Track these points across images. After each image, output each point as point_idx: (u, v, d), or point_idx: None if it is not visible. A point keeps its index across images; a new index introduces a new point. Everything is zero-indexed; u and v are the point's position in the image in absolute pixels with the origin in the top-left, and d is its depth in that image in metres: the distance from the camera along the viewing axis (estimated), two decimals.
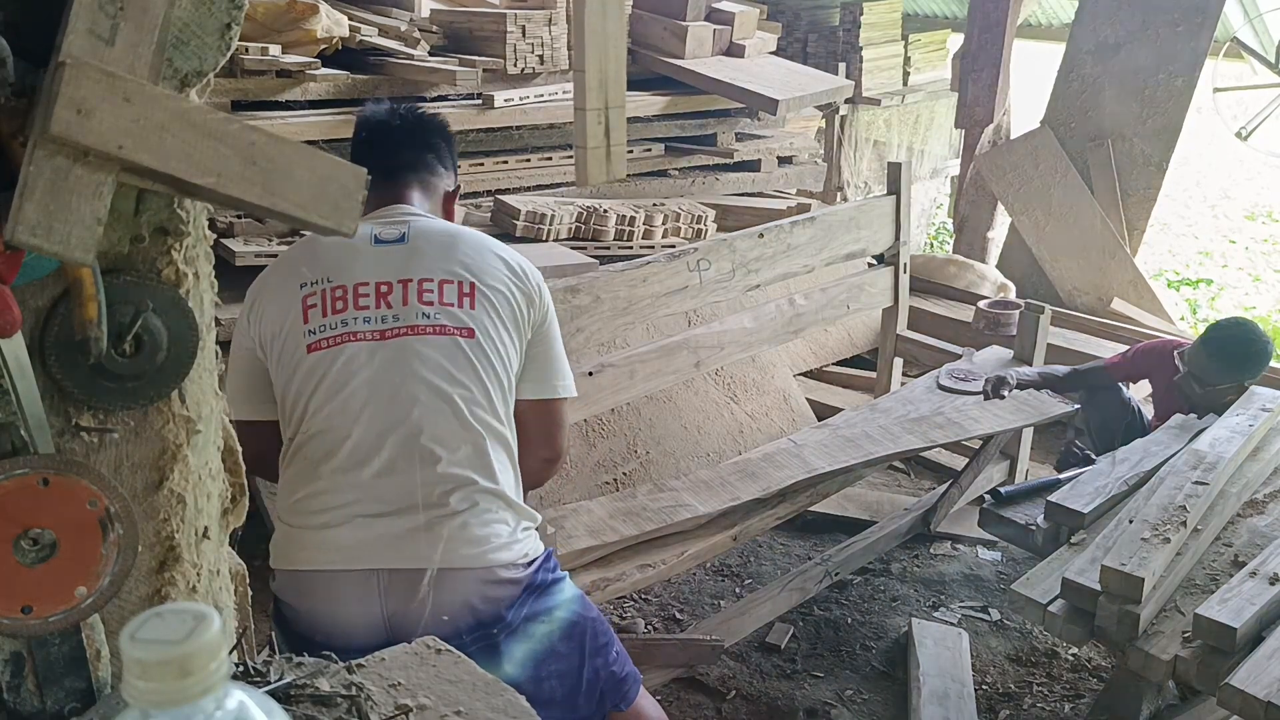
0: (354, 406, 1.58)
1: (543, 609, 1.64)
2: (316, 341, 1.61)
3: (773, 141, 4.82)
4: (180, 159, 0.90)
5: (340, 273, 1.63)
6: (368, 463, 1.57)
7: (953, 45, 6.49)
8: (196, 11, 0.99)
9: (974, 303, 4.39)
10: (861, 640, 2.93)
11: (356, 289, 1.61)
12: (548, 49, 3.91)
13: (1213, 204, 9.24)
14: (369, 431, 1.57)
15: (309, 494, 1.59)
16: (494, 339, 1.63)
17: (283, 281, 1.66)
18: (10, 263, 0.91)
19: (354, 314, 1.61)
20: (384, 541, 1.55)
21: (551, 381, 1.72)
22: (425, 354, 1.59)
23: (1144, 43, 4.64)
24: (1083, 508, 2.26)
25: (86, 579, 1.01)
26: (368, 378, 1.58)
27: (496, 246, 1.74)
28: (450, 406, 1.59)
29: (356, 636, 1.54)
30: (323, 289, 1.62)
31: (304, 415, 1.62)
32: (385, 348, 1.59)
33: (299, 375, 1.62)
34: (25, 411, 0.97)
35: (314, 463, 1.60)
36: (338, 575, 1.56)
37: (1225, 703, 1.74)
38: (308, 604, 1.60)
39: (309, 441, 1.61)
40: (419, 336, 1.60)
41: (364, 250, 1.65)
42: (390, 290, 1.62)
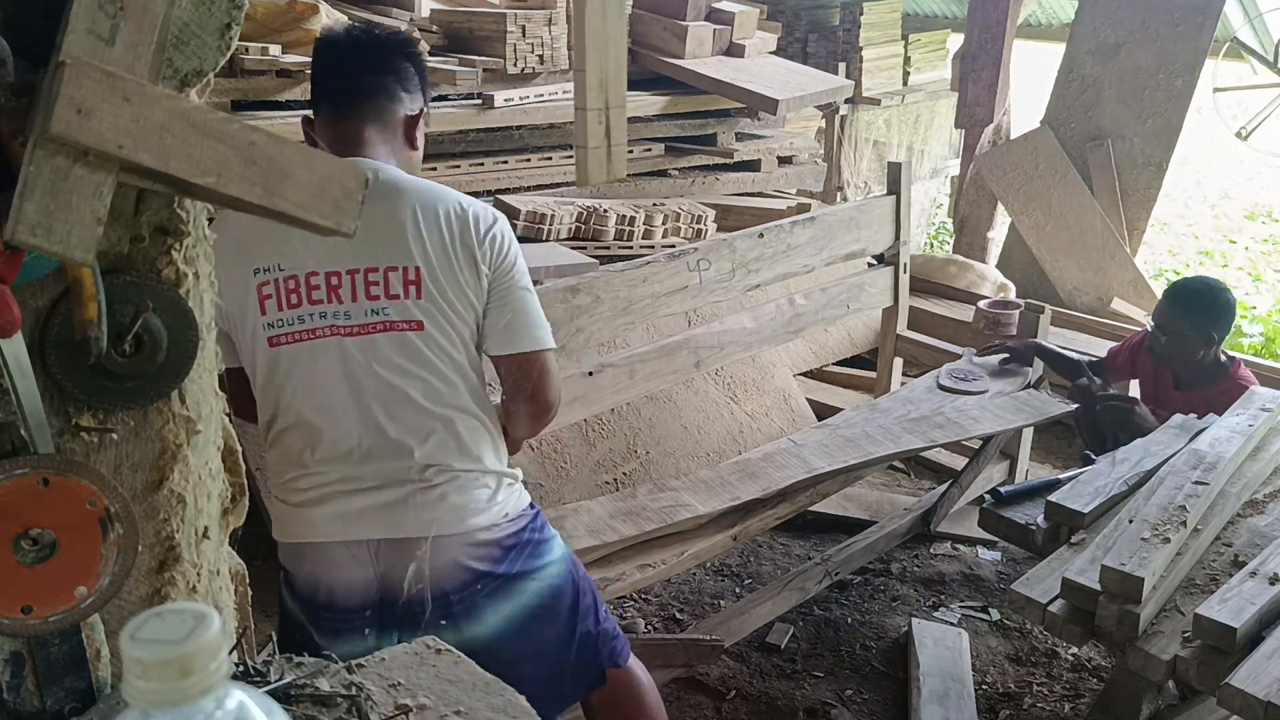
0: (325, 403, 1.63)
1: (532, 567, 1.70)
2: (277, 336, 1.62)
3: (773, 141, 4.82)
4: (180, 159, 0.90)
5: (290, 258, 1.60)
6: (348, 452, 1.64)
7: (953, 45, 6.49)
8: (196, 11, 0.99)
9: (974, 303, 4.39)
10: (861, 640, 2.93)
11: (309, 279, 1.60)
12: (548, 49, 3.91)
13: (1213, 204, 9.24)
14: (342, 427, 1.64)
15: (295, 476, 1.69)
16: (445, 322, 1.63)
17: (236, 257, 1.60)
18: (10, 263, 0.91)
19: (309, 309, 1.61)
20: (370, 514, 1.64)
21: (522, 335, 1.69)
22: (379, 352, 1.61)
23: (1144, 43, 4.64)
24: (1083, 508, 2.25)
25: (86, 579, 1.01)
26: (332, 375, 1.62)
27: (445, 200, 1.65)
28: (410, 401, 1.63)
29: (352, 598, 1.68)
30: (275, 278, 1.61)
31: (277, 405, 1.67)
32: (343, 345, 1.61)
33: (263, 364, 1.65)
34: (25, 411, 0.97)
35: (296, 450, 1.68)
36: (329, 546, 1.68)
37: (1225, 703, 1.74)
38: (306, 570, 1.73)
39: (287, 431, 1.67)
40: (369, 336, 1.61)
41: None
42: (340, 284, 1.60)
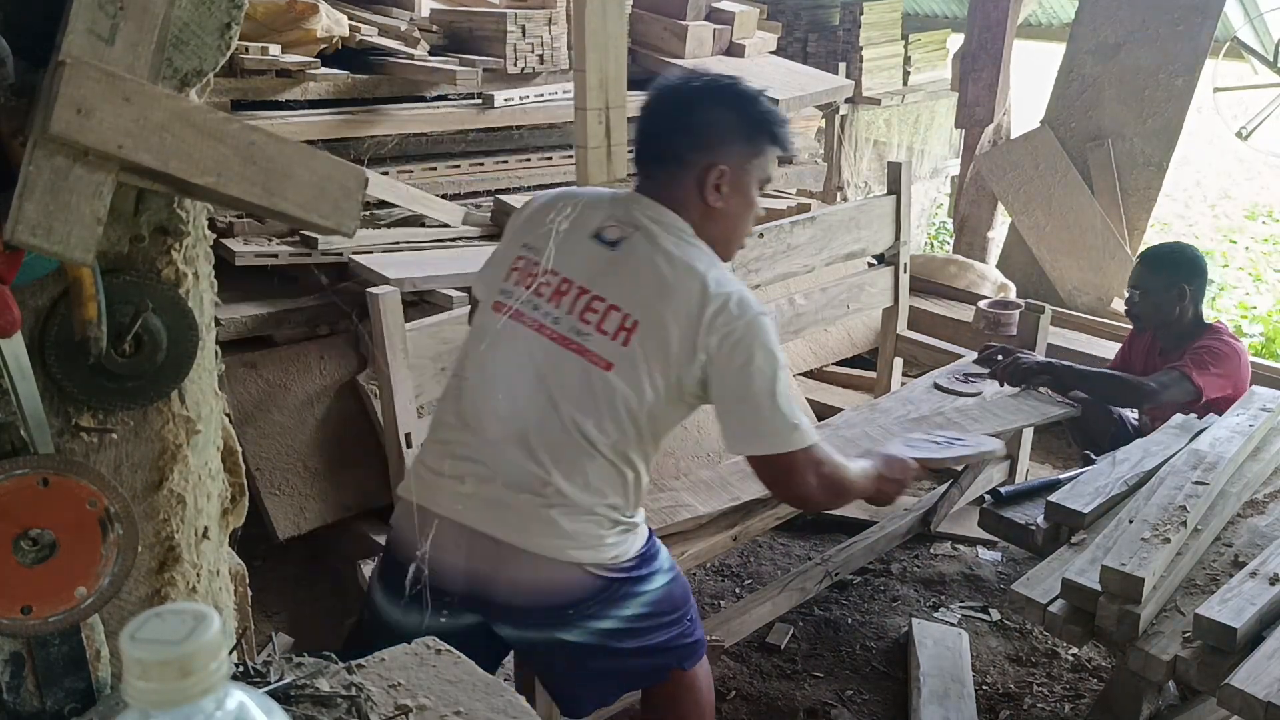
0: (498, 383, 1.69)
1: (622, 598, 1.71)
2: (501, 303, 1.72)
3: None
4: (180, 159, 0.90)
5: (551, 254, 1.71)
6: (494, 435, 1.67)
7: (953, 45, 6.49)
8: (196, 11, 0.99)
9: (974, 303, 4.38)
10: (861, 640, 2.93)
11: (548, 274, 1.69)
12: (548, 49, 3.91)
13: (1213, 204, 9.24)
14: (500, 414, 1.67)
15: (442, 438, 1.73)
16: (635, 376, 1.63)
17: (514, 237, 1.78)
18: (10, 263, 0.91)
19: (532, 298, 1.69)
20: (484, 507, 1.65)
21: (746, 437, 1.67)
22: (563, 370, 1.64)
23: (1144, 43, 4.64)
24: (1083, 508, 2.25)
25: (86, 579, 1.01)
26: (520, 364, 1.68)
27: (699, 274, 1.64)
28: (565, 429, 1.64)
29: (443, 577, 1.67)
30: (529, 258, 1.72)
31: (465, 358, 1.75)
32: (540, 343, 1.67)
33: (479, 319, 1.77)
34: (25, 411, 0.97)
35: (454, 414, 1.73)
36: (435, 517, 1.67)
37: (1225, 703, 1.74)
38: (410, 535, 1.71)
39: (459, 391, 1.73)
40: (561, 349, 1.65)
41: (581, 240, 1.71)
42: (567, 291, 1.67)
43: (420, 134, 3.67)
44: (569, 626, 1.68)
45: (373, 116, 3.52)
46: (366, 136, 3.51)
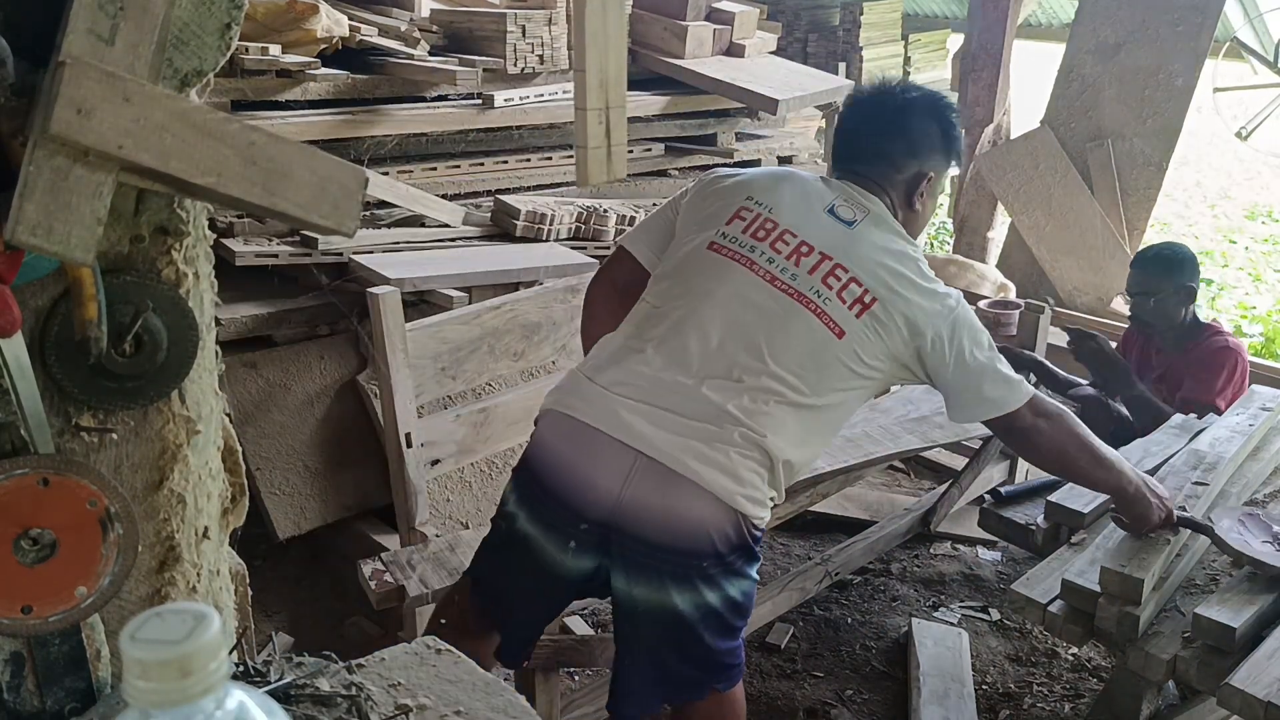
0: (708, 321, 1.71)
1: (738, 572, 1.74)
2: (721, 245, 1.76)
3: (773, 141, 4.82)
4: (180, 159, 0.90)
5: (785, 214, 1.78)
6: (688, 371, 1.69)
7: (953, 45, 6.49)
8: (196, 11, 0.99)
9: (974, 303, 4.37)
10: (861, 640, 2.93)
11: (784, 233, 1.75)
12: (548, 49, 3.91)
13: (1213, 204, 9.24)
14: (704, 349, 1.69)
15: (626, 362, 1.72)
16: (860, 351, 1.72)
17: (735, 188, 1.83)
18: (10, 263, 0.91)
19: (765, 249, 1.75)
20: (662, 433, 1.64)
21: (982, 403, 1.81)
22: (792, 325, 1.70)
23: (1144, 43, 4.64)
24: (1083, 508, 2.25)
25: (86, 579, 1.01)
26: (735, 307, 1.71)
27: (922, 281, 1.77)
28: (776, 380, 1.69)
29: (584, 501, 1.66)
30: (759, 212, 1.77)
31: (668, 295, 1.76)
32: (766, 294, 1.72)
33: (686, 258, 1.79)
34: (25, 411, 0.97)
35: (646, 339, 1.73)
36: (604, 438, 1.65)
37: (1225, 703, 1.74)
38: (563, 449, 1.70)
39: (656, 317, 1.74)
40: (798, 304, 1.71)
41: (817, 211, 1.79)
42: (809, 254, 1.74)
43: (420, 134, 3.67)
44: (686, 586, 1.66)
45: (373, 116, 3.52)
46: (366, 136, 3.51)
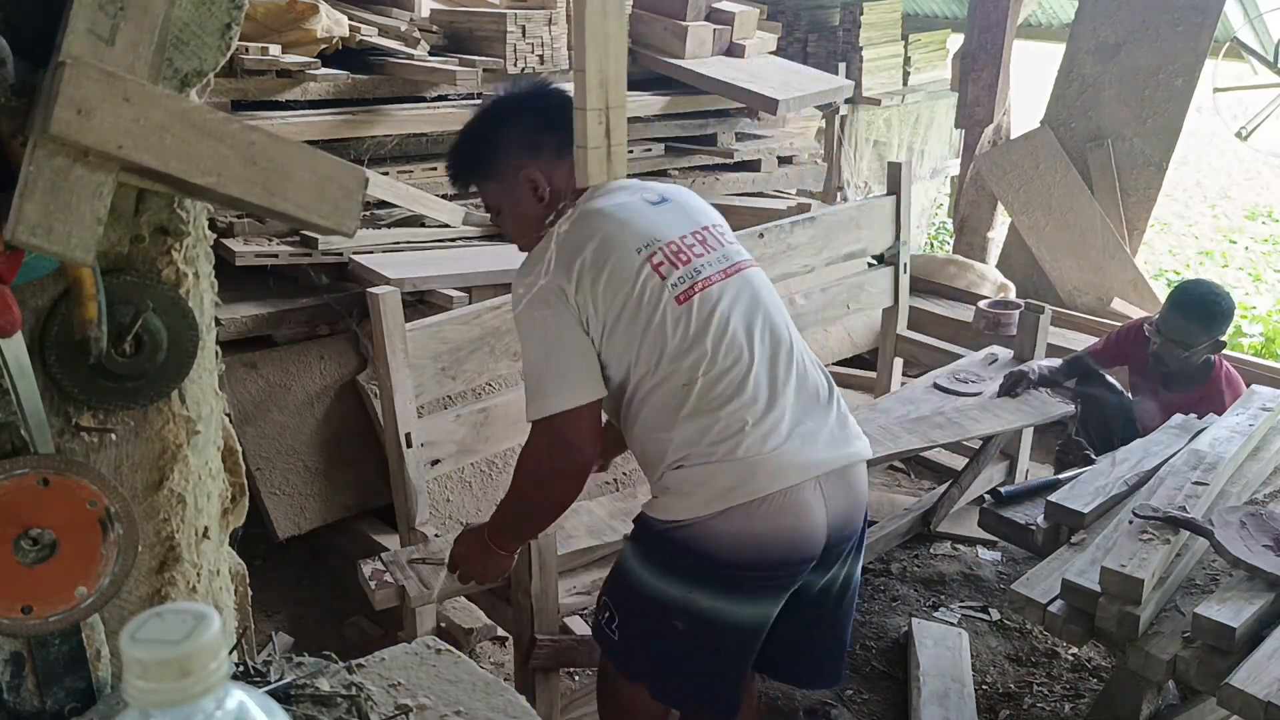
0: (740, 340, 1.73)
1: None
2: (683, 292, 1.73)
3: (773, 141, 4.82)
4: (180, 159, 0.90)
5: (660, 232, 1.77)
6: (783, 383, 1.73)
7: (953, 45, 6.49)
8: (196, 11, 0.99)
9: (974, 303, 4.38)
10: (861, 640, 2.93)
11: (683, 241, 1.78)
12: (548, 49, 3.91)
13: (1213, 204, 9.24)
14: (764, 358, 1.73)
15: (738, 428, 1.68)
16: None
17: (608, 254, 1.72)
18: (10, 263, 0.91)
19: (698, 263, 1.77)
20: (818, 447, 1.71)
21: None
22: (756, 283, 1.80)
23: (1144, 43, 4.64)
24: (1083, 508, 2.25)
25: (86, 579, 1.01)
26: (738, 314, 1.75)
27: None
28: (789, 324, 1.82)
29: (810, 545, 1.70)
30: (660, 248, 1.75)
31: (700, 357, 1.70)
32: (730, 285, 1.76)
33: (661, 327, 1.71)
34: (25, 411, 0.97)
35: (724, 399, 1.69)
36: (802, 488, 1.68)
37: (1225, 703, 1.74)
38: (771, 525, 1.68)
39: (709, 383, 1.70)
40: (744, 271, 1.81)
41: (651, 213, 1.81)
42: (705, 238, 1.81)
43: (420, 134, 3.67)
44: (858, 552, 1.84)
45: (373, 116, 3.52)
46: (366, 136, 3.51)
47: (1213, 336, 2.95)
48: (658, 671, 1.86)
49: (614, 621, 1.84)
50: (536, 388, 1.71)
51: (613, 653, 1.90)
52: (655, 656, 1.84)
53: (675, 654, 1.81)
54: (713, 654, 1.80)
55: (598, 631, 1.91)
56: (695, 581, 1.73)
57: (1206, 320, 2.94)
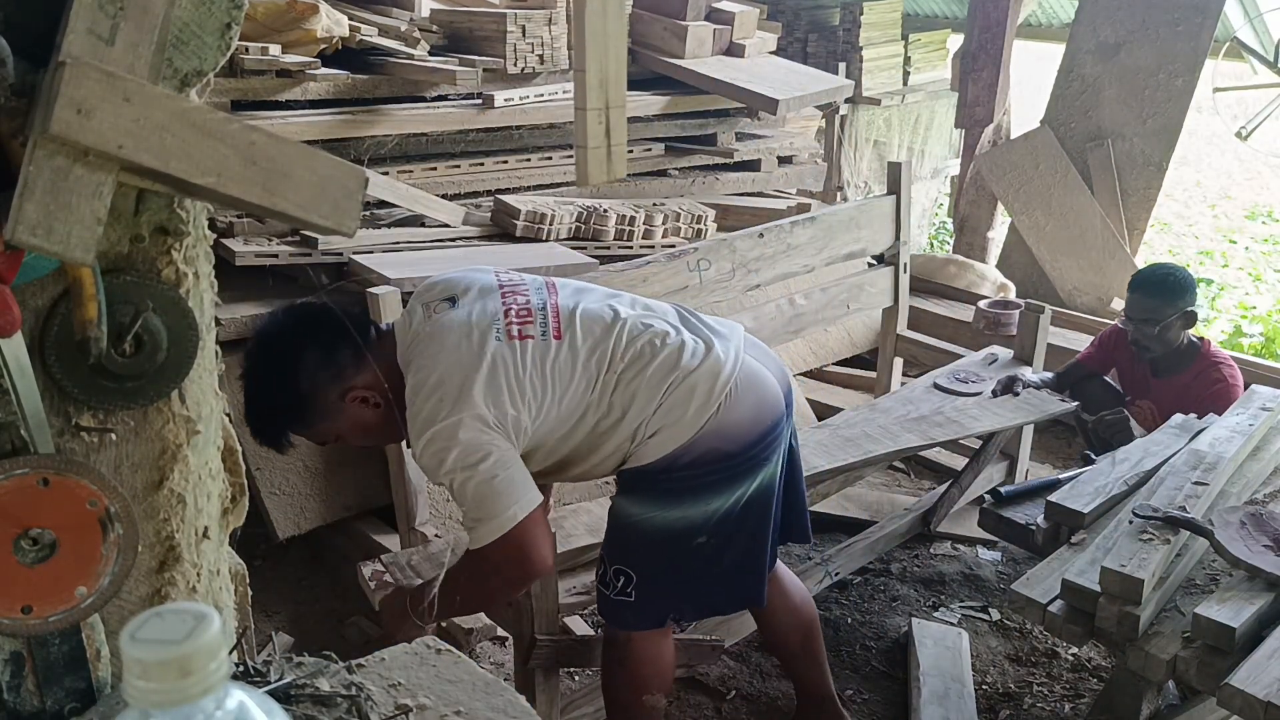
0: (605, 316, 1.96)
1: None
2: (553, 330, 1.89)
3: (773, 141, 4.82)
4: (180, 159, 0.90)
5: (488, 315, 1.87)
6: (663, 319, 2.04)
7: (953, 45, 6.49)
8: (196, 11, 0.99)
9: (974, 303, 4.38)
10: (861, 640, 2.93)
11: (505, 303, 1.90)
12: (548, 49, 3.91)
13: (1213, 204, 9.24)
14: (634, 315, 2.00)
15: (672, 361, 1.94)
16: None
17: (485, 365, 1.80)
18: (10, 262, 0.91)
19: (533, 302, 1.92)
20: (725, 335, 2.05)
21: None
22: (566, 284, 2.05)
23: (1144, 43, 4.64)
24: (1083, 508, 2.25)
25: (86, 579, 1.01)
26: (589, 302, 1.98)
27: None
28: (609, 290, 2.13)
29: (778, 399, 2.01)
30: (502, 325, 1.86)
31: (600, 366, 1.89)
32: (560, 294, 1.99)
33: (564, 367, 1.88)
34: (25, 411, 0.97)
35: (643, 359, 1.92)
36: (742, 365, 1.98)
37: (1225, 703, 1.74)
38: (750, 400, 1.96)
39: (627, 358, 1.92)
40: (554, 281, 2.04)
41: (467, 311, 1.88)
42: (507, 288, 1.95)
43: (420, 134, 3.67)
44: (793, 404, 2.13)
45: (373, 116, 3.52)
46: (366, 136, 3.51)
47: (1179, 309, 3.04)
48: (687, 597, 2.05)
49: (630, 584, 1.97)
50: (486, 513, 1.76)
51: (632, 615, 2.02)
52: (684, 587, 2.02)
53: (703, 570, 2.00)
54: (740, 545, 2.01)
55: (610, 607, 2.03)
56: (712, 488, 1.93)
57: (1165, 292, 3.05)
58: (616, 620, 2.05)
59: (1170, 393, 3.13)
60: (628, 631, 2.05)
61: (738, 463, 1.94)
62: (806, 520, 2.27)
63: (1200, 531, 2.04)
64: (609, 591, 2.00)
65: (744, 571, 2.06)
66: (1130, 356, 3.25)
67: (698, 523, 1.94)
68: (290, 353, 1.81)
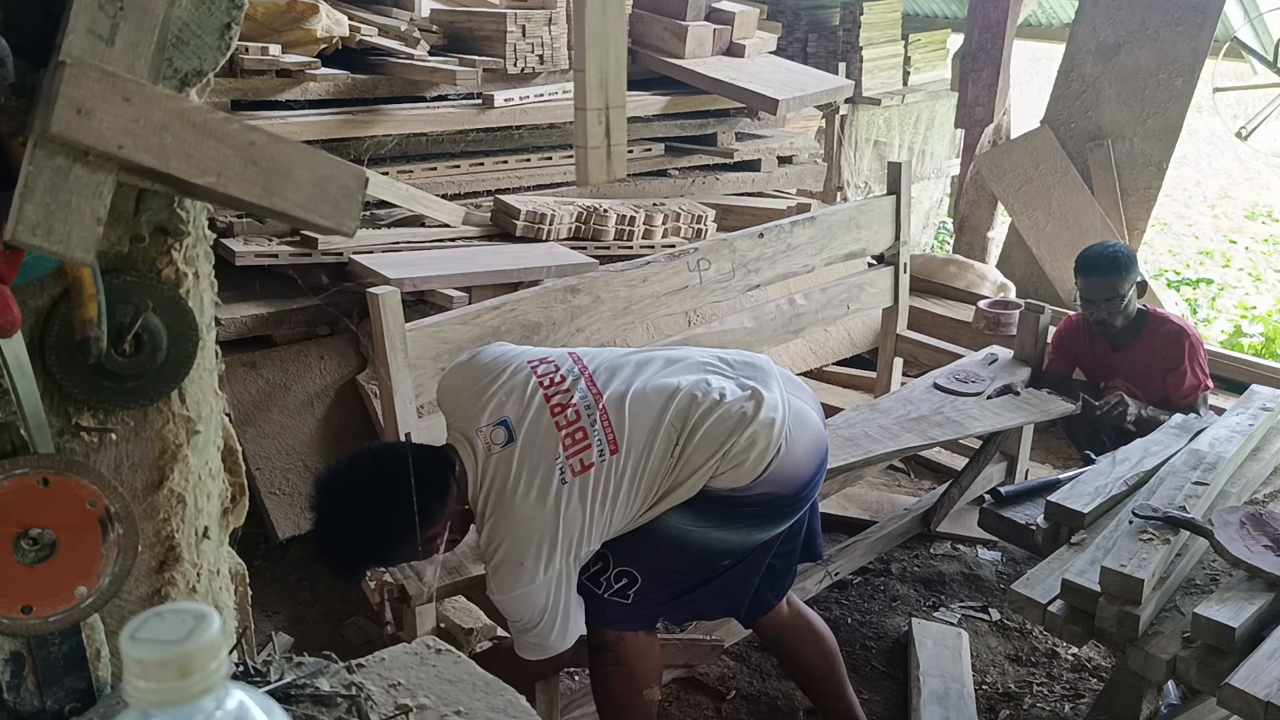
0: (664, 385, 2.05)
1: None
2: (598, 439, 1.93)
3: (773, 141, 4.82)
4: (180, 159, 0.90)
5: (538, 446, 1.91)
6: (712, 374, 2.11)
7: (953, 45, 6.49)
8: (196, 11, 0.99)
9: (974, 303, 4.38)
10: (861, 640, 2.93)
11: (555, 412, 1.95)
12: (548, 49, 3.91)
13: (1213, 204, 9.24)
14: (686, 378, 2.10)
15: (733, 419, 1.98)
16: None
17: (564, 536, 1.88)
18: (10, 263, 0.91)
19: (575, 394, 1.97)
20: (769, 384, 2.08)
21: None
22: (595, 355, 2.13)
23: (1144, 43, 4.64)
24: (1083, 508, 2.25)
25: (86, 579, 1.01)
26: (646, 377, 2.08)
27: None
28: (640, 350, 2.24)
29: (823, 443, 2.11)
30: (561, 459, 1.90)
31: (664, 451, 1.95)
32: (599, 373, 2.06)
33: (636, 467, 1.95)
34: (25, 411, 0.97)
35: (700, 427, 1.97)
36: (792, 410, 2.05)
37: (1225, 702, 1.74)
38: (801, 445, 2.03)
39: (685, 436, 1.96)
40: (582, 361, 2.08)
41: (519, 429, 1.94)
42: (548, 378, 2.01)
43: (420, 134, 3.67)
44: None
45: (373, 116, 3.52)
46: (366, 136, 3.51)
47: (1132, 280, 3.15)
48: (682, 604, 2.13)
49: (632, 586, 2.01)
50: (541, 641, 1.94)
51: (624, 616, 2.05)
52: (683, 596, 2.09)
53: (708, 584, 2.07)
54: (746, 569, 2.09)
55: (597, 605, 2.03)
56: (762, 522, 2.03)
57: (1118, 268, 3.14)
58: (604, 619, 2.05)
59: (1135, 362, 3.23)
60: (618, 631, 2.06)
61: (790, 503, 2.04)
62: (820, 538, 2.34)
63: (1200, 531, 2.04)
64: (601, 591, 2.01)
65: (738, 590, 2.14)
66: (1086, 345, 3.33)
67: (734, 548, 2.04)
68: (382, 511, 1.84)
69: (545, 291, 2.88)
